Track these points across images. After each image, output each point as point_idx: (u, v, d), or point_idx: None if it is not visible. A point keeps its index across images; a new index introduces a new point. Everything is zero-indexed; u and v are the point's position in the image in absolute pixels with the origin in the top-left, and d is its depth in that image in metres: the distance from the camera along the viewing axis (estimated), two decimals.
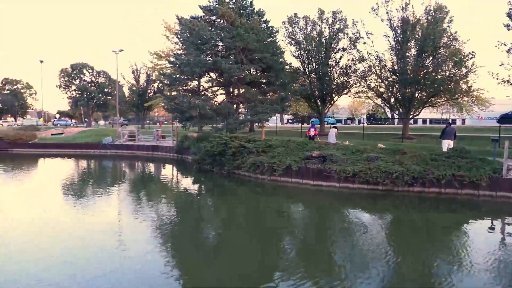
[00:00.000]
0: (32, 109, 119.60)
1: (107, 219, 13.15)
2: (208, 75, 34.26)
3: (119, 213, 14.22)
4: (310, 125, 34.23)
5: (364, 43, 33.32)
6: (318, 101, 38.77)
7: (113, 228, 11.95)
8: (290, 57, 44.46)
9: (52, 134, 46.82)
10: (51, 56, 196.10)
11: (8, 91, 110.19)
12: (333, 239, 11.19)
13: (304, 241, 10.98)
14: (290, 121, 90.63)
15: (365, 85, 36.03)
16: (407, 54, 31.16)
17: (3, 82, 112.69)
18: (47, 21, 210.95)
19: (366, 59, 33.63)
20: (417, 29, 30.61)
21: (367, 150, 20.53)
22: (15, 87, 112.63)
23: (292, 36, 37.92)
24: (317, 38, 36.63)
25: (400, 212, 14.55)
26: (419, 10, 53.00)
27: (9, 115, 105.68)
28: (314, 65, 37.44)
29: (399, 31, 31.22)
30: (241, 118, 33.16)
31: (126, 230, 11.82)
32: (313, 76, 37.98)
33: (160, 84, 54.96)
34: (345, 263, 8.98)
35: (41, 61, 68.94)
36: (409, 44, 31.04)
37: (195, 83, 35.81)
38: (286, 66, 35.72)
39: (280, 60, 33.58)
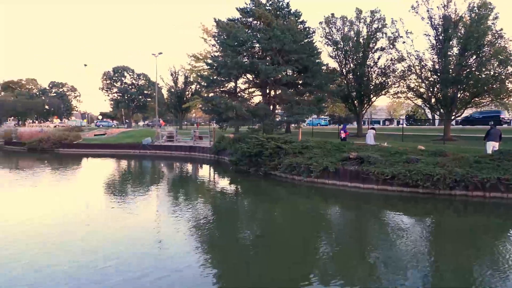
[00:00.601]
0: (76, 110, 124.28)
1: (146, 218, 13.52)
2: (244, 77, 34.50)
3: (158, 212, 14.57)
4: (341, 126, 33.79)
5: (404, 42, 32.55)
6: (355, 102, 38.21)
7: (152, 227, 12.26)
8: (327, 58, 44.14)
9: (95, 135, 48.57)
10: (95, 59, 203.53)
11: (54, 94, 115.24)
12: (371, 242, 11.02)
13: (341, 243, 10.86)
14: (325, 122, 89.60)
15: (404, 85, 35.17)
16: (449, 53, 30.15)
17: (50, 85, 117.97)
18: (91, 25, 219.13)
19: (405, 59, 32.82)
20: (460, 27, 29.57)
21: (407, 152, 20.07)
22: (61, 90, 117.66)
23: (329, 37, 37.56)
24: (355, 38, 36.12)
25: (441, 216, 14.12)
26: (461, 7, 51.10)
27: (55, 117, 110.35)
28: (352, 65, 36.93)
29: (440, 30, 30.28)
30: (277, 119, 33.18)
31: (164, 230, 12.06)
32: (351, 76, 37.46)
33: (198, 86, 55.86)
34: (383, 267, 8.81)
35: (85, 65, 71.39)
36: (451, 42, 30.02)
37: (231, 84, 36.16)
38: (322, 67, 35.44)
39: (316, 60, 33.36)
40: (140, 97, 79.43)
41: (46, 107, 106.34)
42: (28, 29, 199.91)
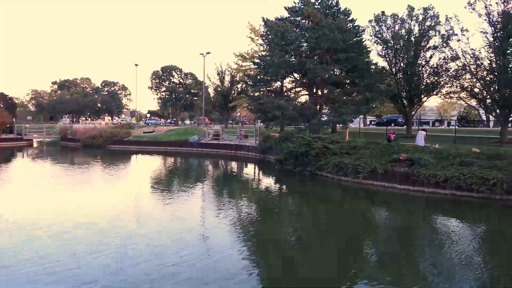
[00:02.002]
0: (126, 109, 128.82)
1: (191, 214, 13.77)
2: (291, 76, 34.38)
3: (203, 208, 14.82)
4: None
5: (458, 40, 31.20)
6: (404, 102, 37.11)
7: (196, 222, 12.54)
8: (376, 57, 43.04)
9: (144, 132, 50.12)
10: (145, 59, 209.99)
11: (106, 92, 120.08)
12: (419, 247, 10.66)
13: (387, 247, 10.58)
14: (373, 122, 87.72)
15: (458, 85, 33.75)
16: (508, 51, 28.62)
17: (103, 84, 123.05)
18: (142, 26, 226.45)
19: (459, 58, 31.47)
20: None
21: (460, 154, 19.25)
22: (112, 88, 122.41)
23: (379, 35, 36.66)
24: (406, 37, 35.06)
25: (497, 222, 13.47)
26: None
27: (106, 114, 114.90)
28: (402, 64, 35.87)
29: (499, 27, 28.78)
30: (324, 119, 32.83)
31: (208, 226, 12.25)
32: (400, 76, 36.41)
33: (244, 85, 56.25)
34: (429, 274, 8.47)
35: (136, 64, 74.07)
36: (510, 40, 28.49)
37: (278, 84, 36.14)
38: (371, 66, 34.68)
39: (366, 60, 32.69)
40: (187, 96, 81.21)
41: (99, 105, 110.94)
42: (83, 29, 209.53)
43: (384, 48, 36.50)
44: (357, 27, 34.58)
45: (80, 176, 23.11)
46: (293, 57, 32.95)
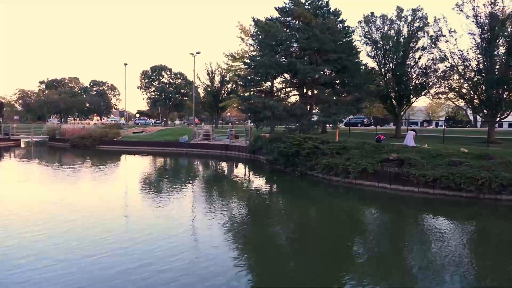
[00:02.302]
0: (116, 108, 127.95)
1: (181, 214, 13.64)
2: (282, 76, 34.45)
3: (193, 210, 14.70)
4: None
5: (447, 41, 31.58)
6: (394, 102, 37.42)
7: (186, 224, 12.45)
8: (366, 57, 43.35)
9: (133, 133, 49.86)
10: (135, 58, 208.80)
11: (95, 92, 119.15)
12: (409, 246, 10.75)
13: (377, 246, 10.61)
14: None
15: (446, 85, 34.18)
16: (495, 52, 29.05)
17: (91, 84, 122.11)
18: (130, 25, 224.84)
19: (448, 58, 31.87)
20: (507, 26, 28.45)
21: (449, 154, 19.46)
22: (101, 88, 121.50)
23: (368, 36, 36.94)
24: (395, 37, 35.38)
25: (485, 221, 13.64)
26: (509, 4, 49.13)
27: (95, 114, 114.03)
28: (391, 65, 36.18)
29: (486, 28, 29.20)
30: (314, 119, 32.95)
31: (198, 227, 12.14)
32: (390, 76, 36.73)
33: (234, 85, 56.23)
34: (418, 273, 8.51)
35: (125, 64, 73.44)
36: (497, 41, 28.92)
37: (268, 84, 36.19)
38: (361, 67, 34.93)
39: (355, 60, 32.90)
40: (177, 96, 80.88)
41: (87, 105, 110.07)
42: (71, 28, 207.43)
43: (373, 49, 36.79)
44: (347, 28, 34.81)
45: (68, 177, 22.87)
46: (283, 57, 33.02)
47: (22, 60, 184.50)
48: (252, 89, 35.78)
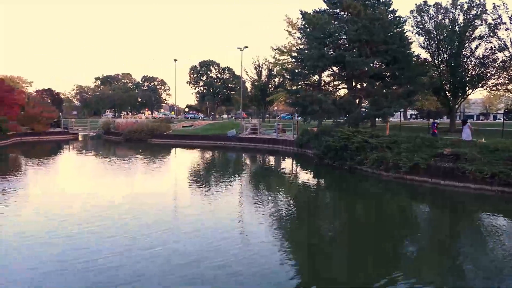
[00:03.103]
0: (166, 103, 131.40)
1: (229, 208, 13.74)
2: (330, 69, 33.93)
3: (241, 204, 14.84)
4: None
5: (507, 29, 29.81)
6: (448, 95, 35.87)
7: (234, 217, 12.50)
8: (418, 48, 41.86)
9: (183, 127, 51.07)
10: (184, 54, 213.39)
11: (146, 87, 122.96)
12: (462, 246, 10.32)
13: (427, 245, 10.28)
14: (413, 116, 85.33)
15: (506, 76, 32.31)
16: None
17: (143, 79, 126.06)
18: (180, 21, 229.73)
19: (508, 48, 30.10)
20: None
21: (509, 149, 18.39)
22: (152, 83, 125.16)
23: (421, 26, 35.60)
24: (450, 27, 33.85)
25: None
26: None
27: (146, 109, 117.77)
28: (445, 55, 34.70)
29: None
30: (363, 113, 32.23)
31: (246, 220, 12.20)
32: (444, 68, 35.24)
33: (281, 79, 56.05)
34: (472, 274, 8.15)
35: (175, 60, 75.18)
36: None
37: (316, 77, 35.78)
38: (413, 58, 33.69)
39: (407, 51, 31.76)
40: (224, 90, 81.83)
41: (139, 100, 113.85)
42: (125, 26, 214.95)
43: (426, 39, 35.43)
44: (398, 18, 33.62)
45: (122, 169, 23.85)
46: (331, 50, 32.48)
47: (80, 58, 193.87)
48: (299, 83, 35.51)
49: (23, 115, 47.37)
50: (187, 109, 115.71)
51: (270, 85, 62.98)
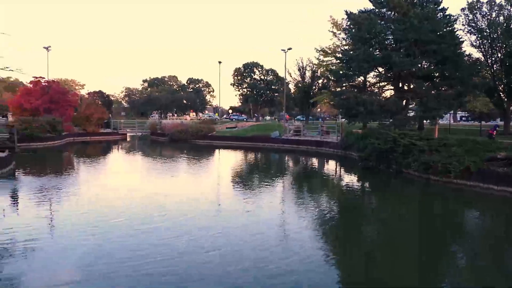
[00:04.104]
0: (210, 105, 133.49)
1: (271, 210, 13.71)
2: (376, 70, 33.23)
3: (283, 204, 14.86)
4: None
5: None
6: (502, 96, 34.16)
7: (276, 220, 12.44)
8: (469, 48, 40.20)
9: (227, 128, 51.65)
10: (228, 56, 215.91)
11: (191, 89, 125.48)
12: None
13: (476, 254, 9.81)
14: (464, 118, 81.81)
15: None
16: None
17: (188, 82, 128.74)
18: (224, 24, 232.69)
19: None
20: None
21: None
22: (197, 85, 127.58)
23: (473, 24, 34.16)
24: (504, 24, 32.25)
25: None
26: None
27: (191, 110, 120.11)
28: (500, 55, 33.09)
29: None
30: (410, 115, 31.34)
31: (288, 223, 12.14)
32: (498, 67, 33.61)
33: (325, 80, 55.50)
34: None
35: (220, 62, 76.32)
36: None
37: (361, 78, 35.17)
38: (464, 58, 32.37)
39: (457, 51, 30.57)
40: (268, 92, 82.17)
41: (184, 101, 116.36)
42: (171, 29, 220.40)
43: (478, 38, 33.97)
44: (448, 16, 32.43)
45: (169, 169, 24.48)
46: (377, 50, 31.81)
47: (129, 61, 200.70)
48: (344, 84, 35.06)
49: (76, 116, 49.71)
50: (230, 111, 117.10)
51: (314, 87, 62.53)
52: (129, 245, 9.44)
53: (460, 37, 32.38)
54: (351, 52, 31.86)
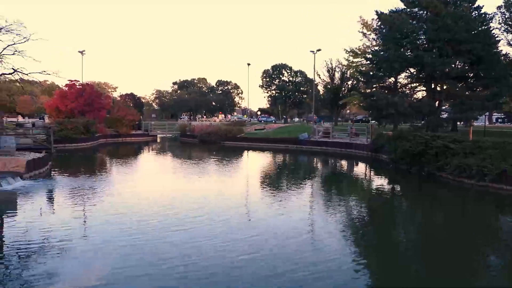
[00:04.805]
0: (239, 106, 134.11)
1: (299, 213, 13.54)
2: (407, 71, 32.60)
3: (311, 207, 14.71)
4: None
5: None
6: None
7: (304, 223, 12.29)
8: (506, 47, 38.83)
9: (255, 129, 51.77)
10: (256, 58, 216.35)
11: (220, 91, 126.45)
12: None
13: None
14: (500, 120, 79.02)
15: None
16: None
17: (217, 84, 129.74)
18: (253, 26, 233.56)
19: None
20: None
21: None
22: (226, 87, 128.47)
23: (510, 22, 33.00)
24: None
25: None
26: None
27: (220, 112, 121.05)
28: None
29: None
30: (443, 116, 30.58)
31: (317, 227, 11.96)
32: None
33: (355, 82, 54.86)
34: None
35: (249, 64, 76.56)
36: None
37: (392, 79, 34.60)
38: (500, 57, 31.30)
39: (493, 50, 29.62)
40: (296, 93, 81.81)
41: (213, 103, 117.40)
42: (200, 32, 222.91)
43: None
44: (483, 15, 31.48)
45: (198, 169, 24.75)
46: (409, 51, 31.20)
47: (159, 63, 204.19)
48: (374, 85, 34.56)
49: (109, 118, 51.03)
50: (259, 112, 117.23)
51: (343, 88, 61.83)
52: (162, 247, 9.45)
53: (496, 36, 31.40)
54: (382, 53, 31.40)
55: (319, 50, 50.43)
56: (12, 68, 27.37)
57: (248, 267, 8.37)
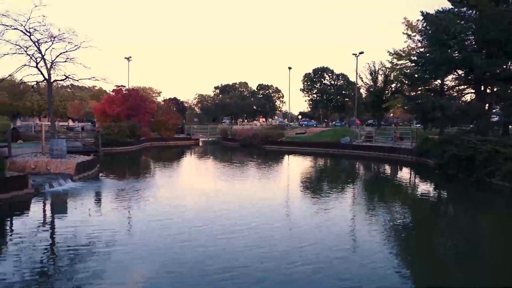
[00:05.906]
0: (280, 110, 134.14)
1: (341, 217, 13.38)
2: (454, 73, 31.45)
3: (353, 212, 14.44)
4: None
5: None
6: None
7: (346, 230, 11.99)
8: None
9: (296, 133, 51.61)
10: (297, 61, 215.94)
11: (261, 95, 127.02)
12: None
13: None
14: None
15: None
16: None
17: (258, 88, 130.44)
18: (294, 29, 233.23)
19: None
20: None
21: None
22: (267, 91, 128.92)
23: None
24: None
25: None
26: None
27: (261, 116, 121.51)
28: None
29: None
30: (494, 120, 29.24)
31: (359, 234, 11.68)
32: None
33: (399, 85, 53.53)
34: None
35: (290, 68, 76.40)
36: None
37: (438, 82, 33.50)
38: None
39: None
40: (338, 97, 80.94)
41: (254, 107, 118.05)
42: (242, 36, 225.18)
43: None
44: None
45: (241, 173, 24.99)
46: (456, 52, 30.09)
47: (201, 68, 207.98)
48: (419, 88, 33.59)
49: (153, 122, 52.52)
50: (300, 116, 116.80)
51: (387, 91, 60.47)
52: (207, 254, 9.33)
53: None
54: (427, 55, 30.47)
55: (361, 53, 49.69)
56: (64, 75, 28.64)
57: (288, 274, 8.28)
